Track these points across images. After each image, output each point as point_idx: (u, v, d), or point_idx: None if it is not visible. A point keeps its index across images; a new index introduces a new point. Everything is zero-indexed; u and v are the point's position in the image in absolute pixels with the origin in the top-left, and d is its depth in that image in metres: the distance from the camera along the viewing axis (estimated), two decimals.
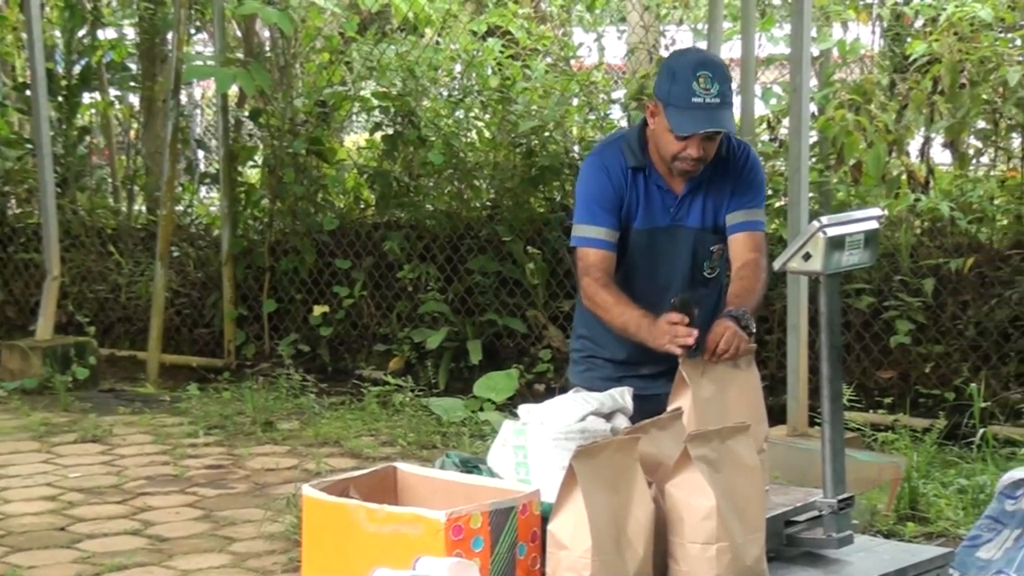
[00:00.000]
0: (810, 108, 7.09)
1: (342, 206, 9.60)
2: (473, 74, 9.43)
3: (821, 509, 3.46)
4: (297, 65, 9.87)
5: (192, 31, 10.47)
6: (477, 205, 9.12)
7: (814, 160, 7.46)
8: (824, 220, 3.39)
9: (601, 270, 4.06)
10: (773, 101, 8.18)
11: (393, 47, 9.59)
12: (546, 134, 8.89)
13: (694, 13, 9.86)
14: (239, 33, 10.24)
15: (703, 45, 7.81)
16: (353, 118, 10.37)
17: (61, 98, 10.43)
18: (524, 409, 3.47)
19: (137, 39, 11.03)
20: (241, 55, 9.73)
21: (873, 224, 3.49)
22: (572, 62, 9.84)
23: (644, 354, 3.97)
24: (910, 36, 8.13)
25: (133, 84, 11.03)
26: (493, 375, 8.17)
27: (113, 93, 11.07)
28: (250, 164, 9.94)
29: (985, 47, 7.63)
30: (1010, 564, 3.59)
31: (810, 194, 6.91)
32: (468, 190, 9.19)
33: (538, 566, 3.00)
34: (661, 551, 3.08)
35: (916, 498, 6.02)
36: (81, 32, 10.66)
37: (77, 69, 10.63)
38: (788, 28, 7.29)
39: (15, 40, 11.12)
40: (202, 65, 9.45)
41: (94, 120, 11.20)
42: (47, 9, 10.66)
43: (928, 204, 7.55)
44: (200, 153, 11.10)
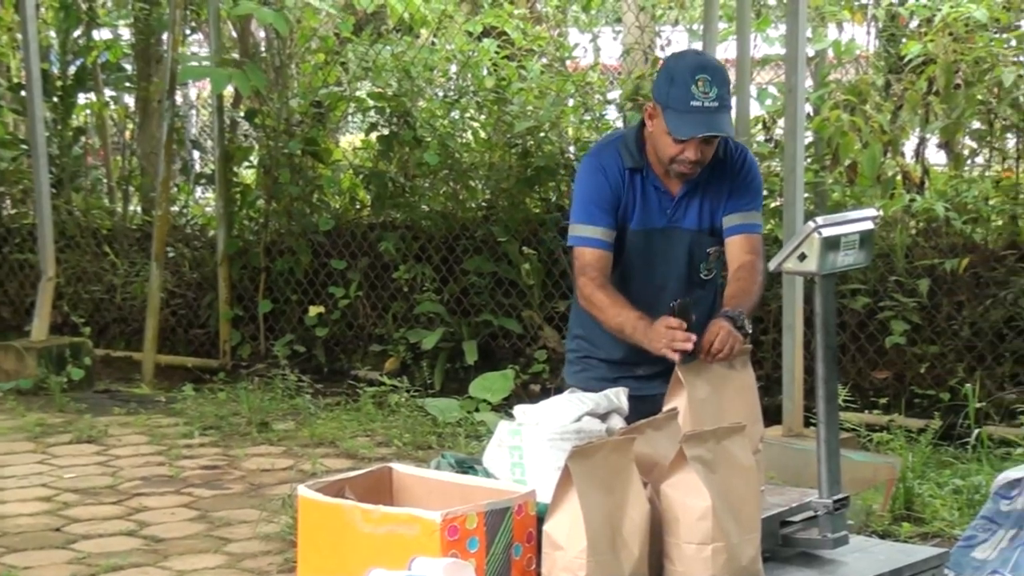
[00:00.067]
0: (805, 109, 7.09)
1: (338, 207, 9.59)
2: (469, 75, 9.43)
3: (816, 509, 3.46)
4: (293, 65, 9.86)
5: (187, 32, 10.45)
6: (473, 206, 9.11)
7: (809, 160, 7.45)
8: (819, 221, 3.40)
9: (597, 270, 4.06)
10: (768, 102, 8.18)
11: (389, 48, 9.58)
12: (542, 135, 8.88)
13: (690, 14, 9.84)
14: (235, 34, 10.24)
15: (698, 46, 7.80)
16: (349, 118, 10.37)
17: (56, 99, 10.43)
18: (520, 410, 3.47)
19: (132, 39, 11.02)
20: (237, 55, 9.73)
21: (868, 225, 3.50)
22: (568, 63, 9.82)
23: (640, 355, 3.97)
24: (905, 37, 8.14)
25: (128, 85, 11.03)
26: (489, 376, 8.18)
27: (108, 94, 11.05)
28: (245, 164, 9.95)
29: (980, 48, 7.64)
30: (1005, 564, 3.60)
31: (805, 195, 6.92)
32: (464, 191, 9.18)
33: (534, 567, 3.00)
34: (657, 551, 3.08)
35: (911, 498, 6.02)
36: (76, 32, 10.65)
37: (72, 70, 10.62)
38: (783, 29, 7.30)
39: (10, 40, 11.10)
40: (197, 66, 9.44)
41: (89, 121, 11.19)
42: (42, 9, 10.64)
43: (923, 205, 7.56)
44: (195, 154, 11.08)
